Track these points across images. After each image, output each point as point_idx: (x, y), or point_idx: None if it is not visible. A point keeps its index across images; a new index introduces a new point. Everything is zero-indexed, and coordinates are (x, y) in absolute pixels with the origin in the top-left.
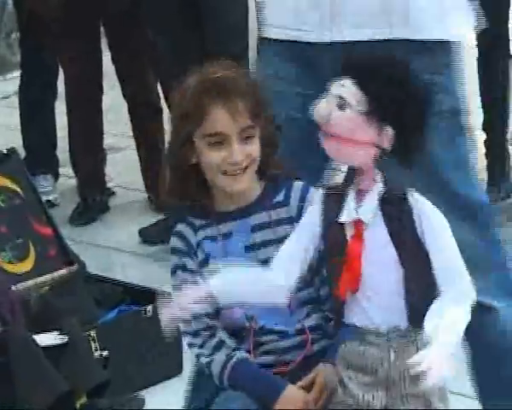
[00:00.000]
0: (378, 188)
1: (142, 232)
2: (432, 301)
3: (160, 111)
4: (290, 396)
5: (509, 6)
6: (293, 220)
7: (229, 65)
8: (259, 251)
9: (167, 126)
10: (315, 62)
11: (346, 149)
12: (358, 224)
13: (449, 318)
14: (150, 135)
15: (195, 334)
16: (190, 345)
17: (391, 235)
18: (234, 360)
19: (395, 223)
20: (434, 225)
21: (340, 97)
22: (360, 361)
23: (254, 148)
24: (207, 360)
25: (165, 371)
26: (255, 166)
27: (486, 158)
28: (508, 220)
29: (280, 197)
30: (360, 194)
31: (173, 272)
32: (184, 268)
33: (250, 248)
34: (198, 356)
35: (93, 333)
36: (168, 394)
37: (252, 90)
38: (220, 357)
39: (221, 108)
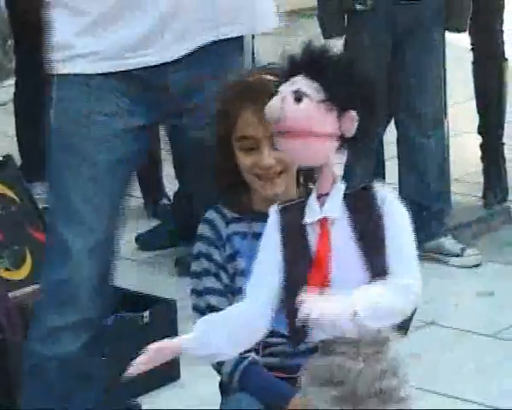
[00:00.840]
0: (339, 188)
1: (138, 239)
2: None
3: None
4: (299, 404)
5: (503, 9)
6: None
7: (265, 69)
8: None
9: (163, 132)
10: (156, 86)
11: (306, 145)
12: (324, 223)
13: (373, 291)
14: None
15: None
16: None
17: (356, 234)
18: (245, 362)
19: (361, 221)
20: (396, 223)
21: (296, 91)
22: (326, 374)
23: None
24: None
25: (162, 377)
26: (292, 172)
27: (482, 161)
28: (504, 223)
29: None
30: (321, 196)
31: (196, 258)
32: (209, 258)
33: None
34: None
35: None
36: (165, 400)
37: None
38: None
39: (251, 111)
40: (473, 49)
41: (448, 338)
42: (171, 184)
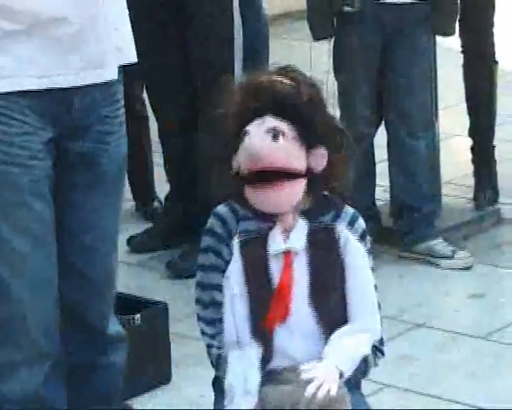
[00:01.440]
0: (302, 224)
1: (130, 241)
2: None
3: (146, 119)
4: None
5: (494, 11)
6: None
7: (285, 71)
8: None
9: (153, 134)
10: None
11: (279, 191)
12: (288, 255)
13: (347, 345)
14: (136, 143)
15: (210, 322)
16: (203, 333)
17: (313, 270)
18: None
19: (320, 258)
20: (356, 263)
21: (272, 129)
22: (279, 402)
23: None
24: (216, 352)
25: (154, 379)
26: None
27: (473, 164)
28: (495, 225)
29: (327, 217)
30: (285, 231)
31: (205, 252)
32: (219, 254)
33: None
34: (208, 346)
35: None
36: (157, 402)
37: (309, 100)
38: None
39: (269, 112)
40: (463, 51)
41: (439, 340)
42: (162, 187)
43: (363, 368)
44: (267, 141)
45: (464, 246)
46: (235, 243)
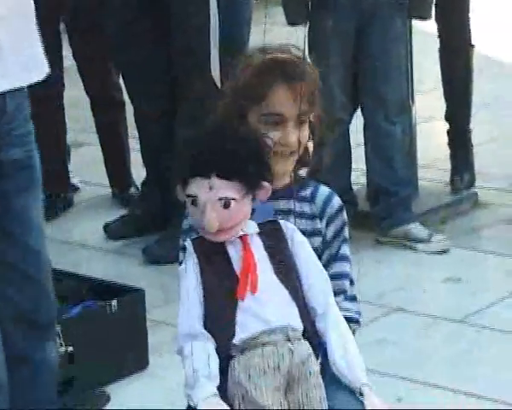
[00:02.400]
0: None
1: (106, 228)
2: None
3: (123, 105)
4: None
5: None
6: (316, 217)
7: (292, 48)
8: None
9: (130, 119)
10: None
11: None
12: (244, 238)
13: (352, 350)
14: (113, 129)
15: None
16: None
17: (268, 249)
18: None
19: (272, 245)
20: (303, 252)
21: (222, 198)
22: (261, 363)
23: (305, 134)
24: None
25: (131, 366)
26: (299, 153)
27: (450, 147)
28: (471, 209)
29: (306, 193)
30: None
31: (186, 233)
32: None
33: None
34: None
35: (57, 329)
36: (134, 388)
37: (313, 77)
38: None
39: (285, 89)
40: (439, 35)
41: (417, 324)
42: (139, 173)
43: None
44: (220, 211)
45: (441, 230)
46: (188, 243)
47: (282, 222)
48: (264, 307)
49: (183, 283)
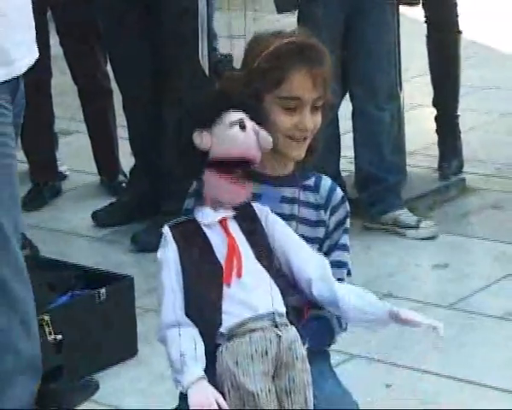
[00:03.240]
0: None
1: (94, 215)
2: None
3: (111, 93)
4: None
5: None
6: (321, 208)
7: (308, 33)
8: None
9: (118, 107)
10: None
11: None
12: (224, 222)
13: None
14: (101, 118)
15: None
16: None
17: (245, 233)
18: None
19: (248, 227)
20: (279, 230)
21: (239, 119)
22: (249, 349)
23: (319, 120)
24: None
25: (120, 353)
26: (312, 137)
27: (437, 134)
28: (460, 195)
29: (310, 182)
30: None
31: (187, 213)
32: None
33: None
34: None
35: (46, 317)
36: (123, 376)
37: (328, 62)
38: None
39: (304, 73)
40: (427, 21)
41: None
42: (127, 161)
43: (330, 333)
44: (254, 136)
45: (430, 216)
46: (166, 229)
47: (254, 204)
48: (250, 293)
49: (164, 272)
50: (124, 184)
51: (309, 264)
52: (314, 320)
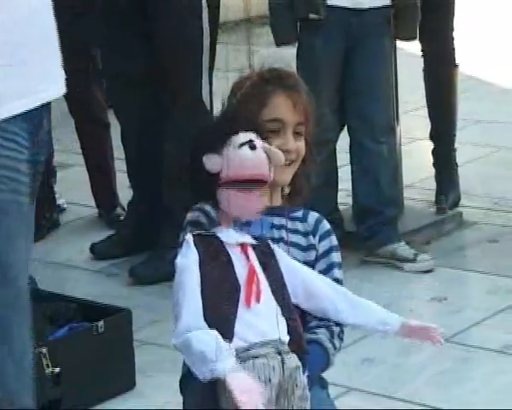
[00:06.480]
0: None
1: (93, 248)
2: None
3: (108, 126)
4: None
5: (453, 16)
6: (309, 234)
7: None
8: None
9: (115, 139)
10: None
11: (262, 198)
12: (243, 246)
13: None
14: (98, 151)
15: None
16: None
17: (262, 263)
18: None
19: (264, 260)
20: (292, 266)
21: (250, 140)
22: (253, 375)
23: (302, 145)
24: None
25: (118, 386)
26: (298, 164)
27: (435, 167)
28: (456, 228)
29: (298, 214)
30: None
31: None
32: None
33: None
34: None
35: (44, 350)
36: (121, 409)
37: (307, 91)
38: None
39: (285, 96)
40: (423, 55)
41: (402, 343)
42: (124, 194)
43: (325, 359)
44: (264, 155)
45: (426, 249)
46: (189, 236)
47: (271, 243)
48: (261, 319)
49: (186, 275)
50: (122, 217)
51: (325, 292)
52: (309, 345)
